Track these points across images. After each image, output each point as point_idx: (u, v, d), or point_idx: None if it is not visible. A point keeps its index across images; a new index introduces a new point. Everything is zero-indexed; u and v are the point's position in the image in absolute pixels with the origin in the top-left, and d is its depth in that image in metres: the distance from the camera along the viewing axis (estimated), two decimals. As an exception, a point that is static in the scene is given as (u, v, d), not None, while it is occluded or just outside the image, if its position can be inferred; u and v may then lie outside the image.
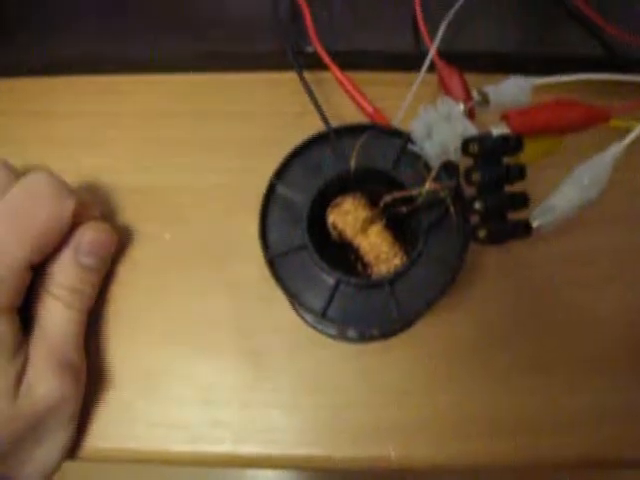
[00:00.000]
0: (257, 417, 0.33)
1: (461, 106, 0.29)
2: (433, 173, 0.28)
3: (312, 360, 0.33)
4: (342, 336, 0.33)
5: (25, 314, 0.31)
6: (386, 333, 0.33)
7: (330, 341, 0.33)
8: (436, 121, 0.28)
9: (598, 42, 0.36)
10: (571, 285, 0.34)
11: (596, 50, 0.37)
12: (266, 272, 0.29)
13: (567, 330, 0.33)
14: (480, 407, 0.32)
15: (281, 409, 0.33)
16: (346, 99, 0.35)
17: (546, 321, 0.33)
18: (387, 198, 0.29)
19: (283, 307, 0.33)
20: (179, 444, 0.32)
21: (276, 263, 0.29)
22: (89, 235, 0.32)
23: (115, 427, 0.33)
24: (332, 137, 0.31)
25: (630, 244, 0.35)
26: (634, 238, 0.35)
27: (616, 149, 0.29)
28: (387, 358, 0.33)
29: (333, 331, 0.33)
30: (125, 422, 0.33)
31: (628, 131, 0.29)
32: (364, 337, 0.33)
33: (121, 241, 0.35)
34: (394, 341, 0.33)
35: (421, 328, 0.33)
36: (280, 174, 0.30)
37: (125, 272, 0.35)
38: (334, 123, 0.32)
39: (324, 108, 0.33)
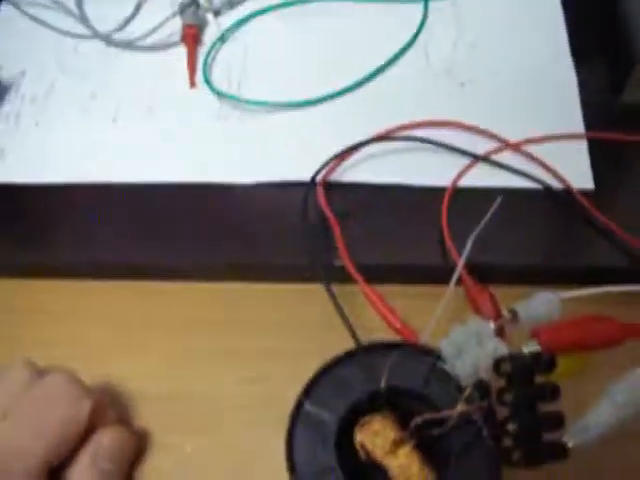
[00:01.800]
0: None
1: (491, 325, 0.29)
2: (465, 395, 0.27)
3: None
4: None
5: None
6: None
7: None
8: (466, 340, 0.28)
9: (623, 254, 0.37)
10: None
11: (621, 262, 0.37)
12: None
13: None
14: None
15: None
16: (374, 312, 0.35)
17: None
18: (417, 420, 0.28)
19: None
20: None
21: (303, 485, 0.28)
22: (107, 439, 0.31)
23: None
24: (361, 356, 0.30)
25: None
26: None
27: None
28: None
29: None
30: None
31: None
32: None
33: (141, 449, 0.34)
34: None
35: None
36: (308, 392, 0.30)
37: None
38: (362, 336, 0.32)
39: (352, 320, 0.33)
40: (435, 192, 0.40)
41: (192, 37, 0.49)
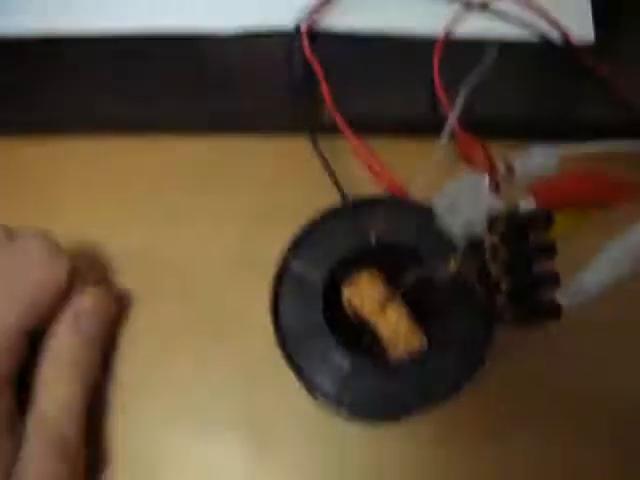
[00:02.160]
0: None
1: (486, 180, 0.27)
2: (457, 252, 0.26)
3: (324, 443, 0.31)
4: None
5: (23, 390, 0.29)
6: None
7: (343, 423, 0.31)
8: (460, 196, 0.27)
9: (623, 108, 0.35)
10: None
11: (621, 116, 0.35)
12: (274, 344, 0.28)
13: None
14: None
15: (290, 498, 0.30)
16: (362, 168, 0.34)
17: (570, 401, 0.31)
18: (407, 278, 0.27)
19: (292, 382, 0.31)
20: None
21: (289, 344, 0.27)
22: (88, 301, 0.30)
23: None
24: (348, 211, 0.29)
25: None
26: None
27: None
28: (403, 442, 0.31)
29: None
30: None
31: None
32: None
33: (121, 309, 0.33)
34: (412, 424, 0.31)
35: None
36: (293, 249, 0.29)
37: (125, 343, 0.33)
38: (349, 191, 0.30)
39: (339, 176, 0.31)
40: (427, 42, 0.37)
41: None
